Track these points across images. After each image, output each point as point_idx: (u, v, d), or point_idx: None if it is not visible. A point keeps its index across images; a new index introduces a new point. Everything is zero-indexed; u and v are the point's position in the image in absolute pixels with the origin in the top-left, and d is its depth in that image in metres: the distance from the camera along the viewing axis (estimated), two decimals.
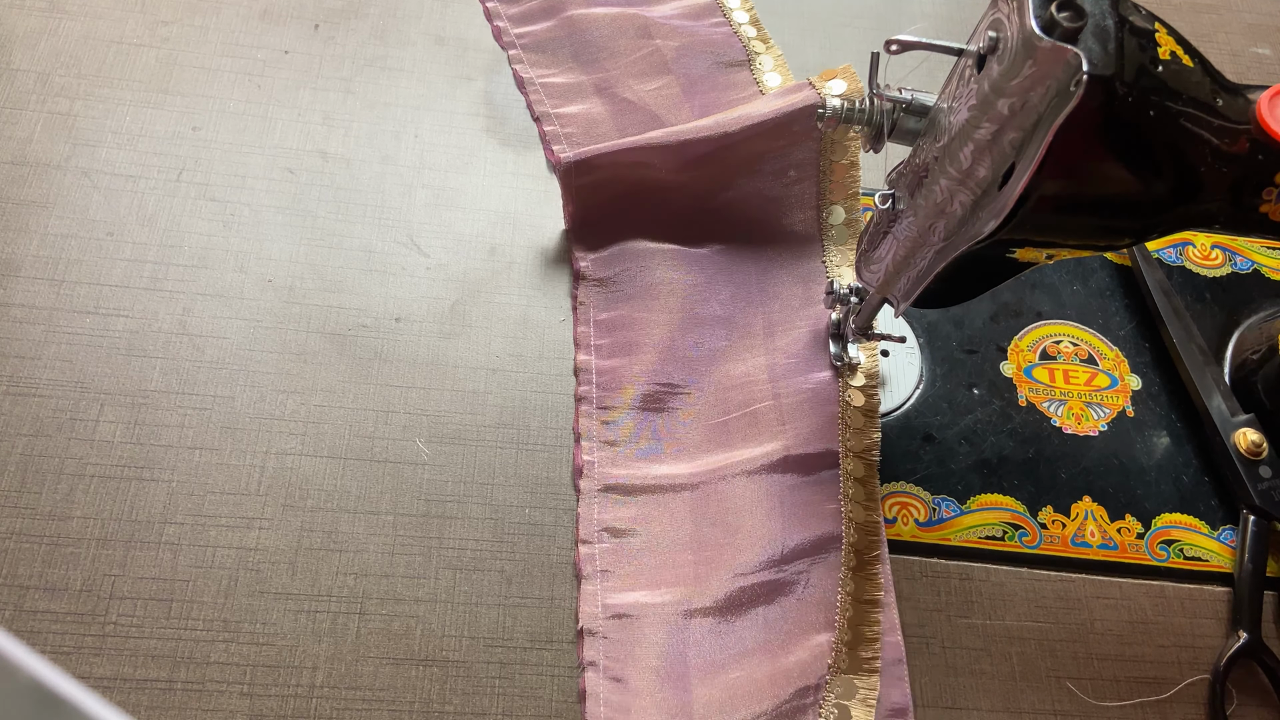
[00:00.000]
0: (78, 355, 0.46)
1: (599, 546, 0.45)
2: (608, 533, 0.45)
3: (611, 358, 0.50)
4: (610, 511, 0.46)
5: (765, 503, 0.45)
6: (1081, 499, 0.48)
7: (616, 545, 0.45)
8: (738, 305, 0.51)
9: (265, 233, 0.51)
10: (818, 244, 0.53)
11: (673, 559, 0.45)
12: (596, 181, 0.52)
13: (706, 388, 0.49)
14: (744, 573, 0.44)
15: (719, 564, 0.44)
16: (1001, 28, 0.31)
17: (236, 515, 0.44)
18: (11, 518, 0.42)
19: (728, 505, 0.45)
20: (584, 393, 0.49)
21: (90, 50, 0.55)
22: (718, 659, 0.42)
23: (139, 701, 0.39)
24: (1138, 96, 0.30)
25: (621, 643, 0.42)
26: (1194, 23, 0.67)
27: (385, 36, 0.58)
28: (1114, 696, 0.44)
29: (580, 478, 0.46)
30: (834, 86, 0.51)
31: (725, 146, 0.51)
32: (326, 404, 0.47)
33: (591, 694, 0.41)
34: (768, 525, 0.45)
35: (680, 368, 0.49)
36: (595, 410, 0.48)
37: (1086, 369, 0.52)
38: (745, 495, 0.46)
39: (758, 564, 0.44)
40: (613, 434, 0.48)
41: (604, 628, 0.43)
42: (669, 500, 0.46)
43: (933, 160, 0.36)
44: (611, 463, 0.47)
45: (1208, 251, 0.57)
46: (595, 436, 0.47)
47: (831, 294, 0.46)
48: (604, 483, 0.46)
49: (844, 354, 0.48)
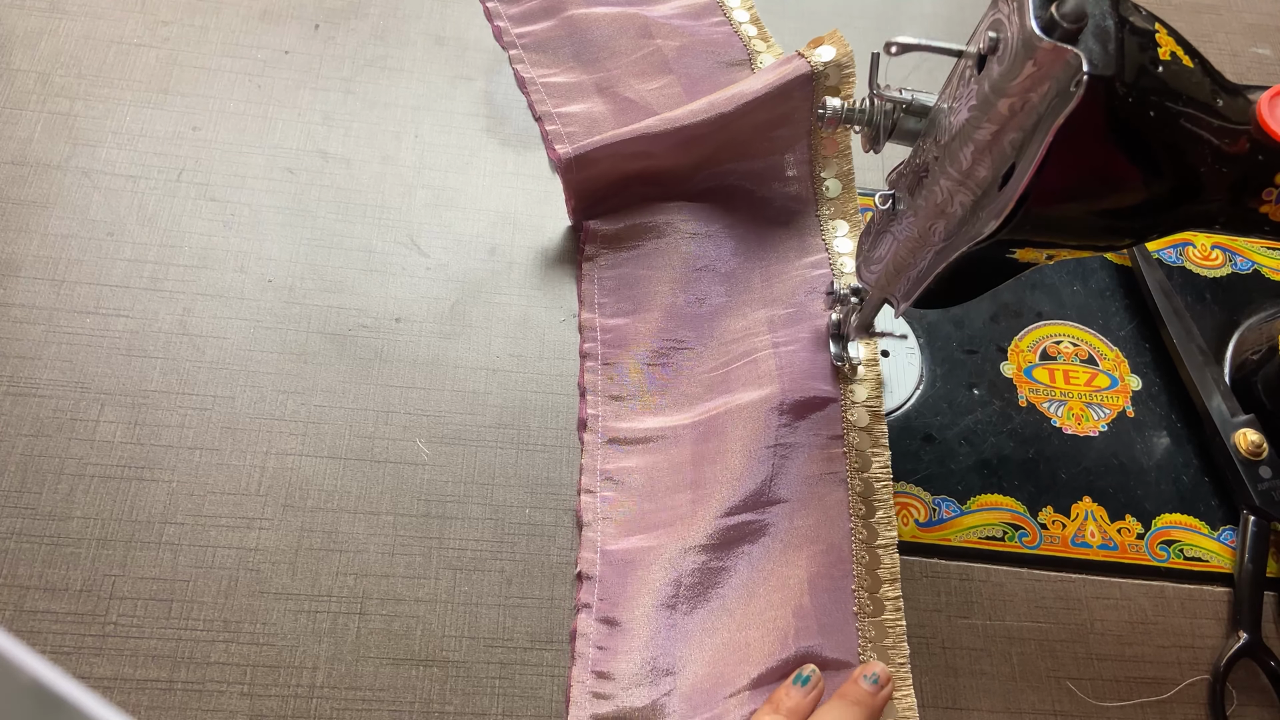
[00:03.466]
0: (78, 355, 0.46)
1: (601, 495, 0.46)
2: (610, 482, 0.46)
3: (615, 316, 0.51)
4: (614, 461, 0.47)
5: (761, 442, 0.46)
6: (1081, 499, 0.48)
7: (617, 494, 0.46)
8: (737, 260, 0.52)
9: (265, 233, 0.51)
10: (812, 205, 0.54)
11: (671, 501, 0.46)
12: (596, 174, 0.52)
13: (709, 342, 0.50)
14: (734, 511, 0.44)
15: (712, 501, 0.45)
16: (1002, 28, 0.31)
17: (236, 515, 0.44)
18: (11, 518, 0.42)
19: (726, 445, 0.46)
20: (589, 349, 0.50)
21: (90, 50, 0.55)
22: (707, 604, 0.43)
23: (139, 701, 0.39)
24: (1138, 97, 0.30)
25: (616, 585, 0.43)
26: (1194, 23, 0.67)
27: (385, 36, 0.58)
28: (1114, 697, 0.44)
29: (584, 430, 0.47)
30: (822, 53, 0.51)
31: (722, 126, 0.51)
32: (326, 404, 0.47)
33: (582, 634, 0.42)
34: (762, 467, 0.45)
35: (684, 324, 0.50)
36: (600, 366, 0.49)
37: (1086, 369, 0.52)
38: (742, 436, 0.46)
39: (747, 504, 0.45)
40: (617, 389, 0.49)
41: (601, 572, 0.44)
42: (670, 447, 0.47)
43: (933, 160, 0.36)
44: (616, 416, 0.48)
45: (1208, 251, 0.57)
46: (600, 391, 0.49)
47: (831, 294, 0.46)
48: (608, 435, 0.47)
49: (844, 354, 0.48)
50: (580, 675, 0.41)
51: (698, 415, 0.48)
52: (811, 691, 0.40)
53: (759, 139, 0.53)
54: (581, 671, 0.41)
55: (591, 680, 0.41)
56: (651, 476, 0.46)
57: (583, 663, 0.42)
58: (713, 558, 0.44)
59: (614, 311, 0.51)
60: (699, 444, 0.47)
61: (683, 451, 0.47)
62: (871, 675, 0.40)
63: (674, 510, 0.45)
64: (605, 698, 0.41)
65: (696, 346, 0.50)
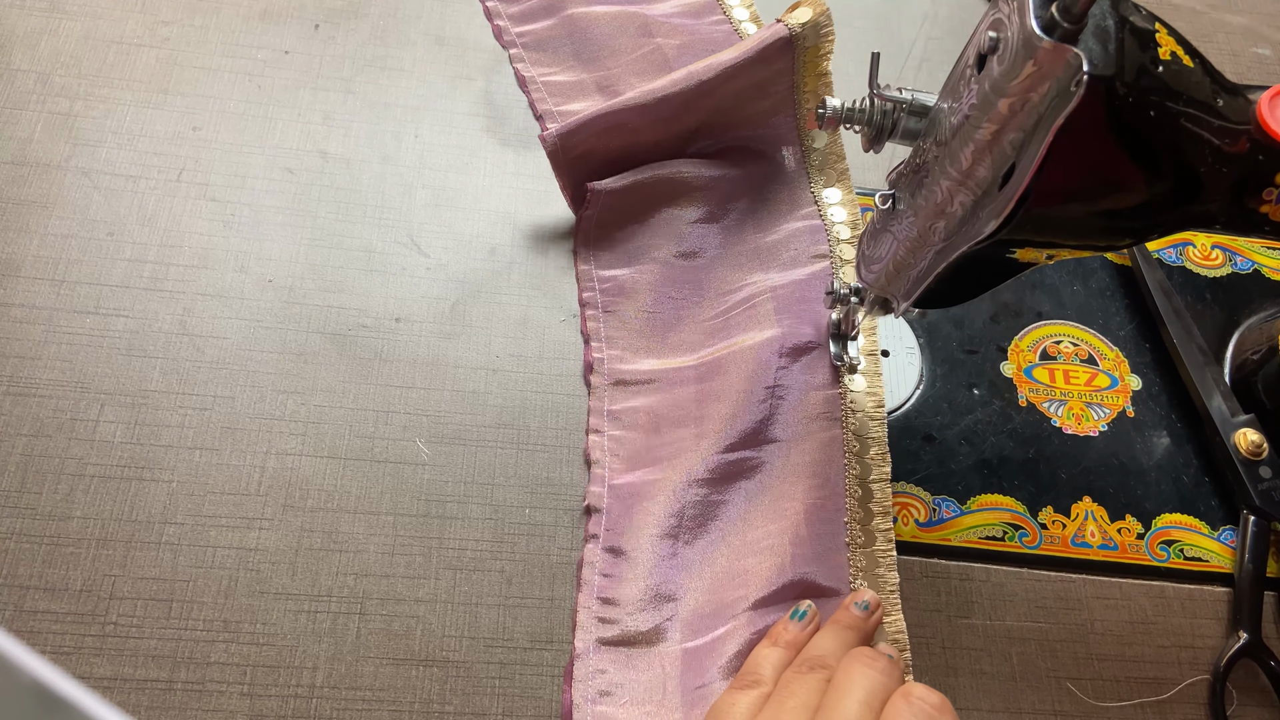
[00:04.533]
0: (78, 355, 0.46)
1: (608, 434, 0.47)
2: (616, 421, 0.48)
3: (612, 268, 0.52)
4: (619, 402, 0.48)
5: (760, 383, 0.47)
6: (1081, 499, 0.48)
7: (624, 432, 0.47)
8: (729, 214, 0.53)
9: (265, 233, 0.51)
10: (801, 162, 0.55)
11: (674, 435, 0.47)
12: (585, 153, 0.52)
13: (707, 292, 0.51)
14: (733, 447, 0.46)
15: (713, 437, 0.46)
16: (1002, 28, 0.31)
17: (236, 515, 0.44)
18: (11, 518, 0.42)
19: (728, 384, 0.48)
20: (588, 298, 0.51)
21: (90, 50, 0.55)
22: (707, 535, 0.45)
23: (139, 701, 0.39)
24: (1138, 97, 0.30)
25: (622, 516, 0.45)
26: (1194, 23, 0.67)
27: (385, 36, 0.58)
28: (1114, 697, 0.44)
29: (590, 374, 0.49)
30: (799, 15, 0.52)
31: (702, 94, 0.52)
32: (326, 404, 0.47)
33: (589, 563, 0.44)
34: (761, 406, 0.47)
35: (682, 275, 0.52)
36: (601, 314, 0.50)
37: (1086, 369, 0.52)
38: (742, 376, 0.47)
39: (746, 441, 0.46)
40: (620, 334, 0.50)
41: (608, 504, 0.45)
42: (673, 386, 0.49)
43: (933, 160, 0.36)
44: (619, 359, 0.49)
45: (1208, 251, 0.57)
46: (603, 337, 0.50)
47: (831, 294, 0.46)
48: (613, 378, 0.49)
49: (844, 354, 0.48)
50: (586, 601, 0.43)
51: (700, 358, 0.49)
52: (808, 625, 0.41)
53: (743, 108, 0.54)
54: (588, 598, 0.43)
55: (597, 606, 0.43)
56: (656, 414, 0.48)
57: (589, 589, 0.43)
58: (713, 491, 0.45)
59: (610, 263, 0.52)
60: (701, 383, 0.48)
61: (686, 390, 0.48)
62: (862, 602, 0.42)
63: (677, 445, 0.47)
64: (610, 622, 0.43)
65: (694, 297, 0.51)
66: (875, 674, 0.36)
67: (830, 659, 0.38)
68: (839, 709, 0.35)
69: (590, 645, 0.42)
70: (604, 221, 0.53)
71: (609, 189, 0.52)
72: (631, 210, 0.53)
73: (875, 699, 0.36)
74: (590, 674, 0.41)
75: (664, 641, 0.42)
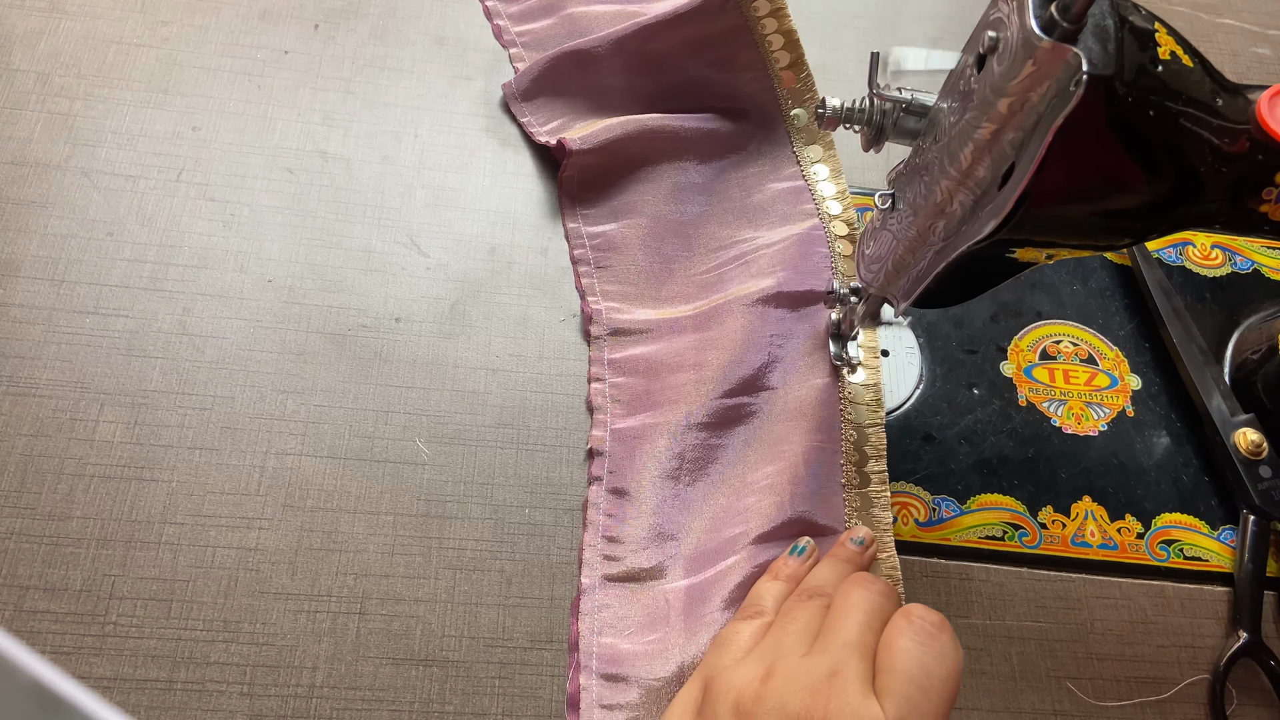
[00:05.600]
0: (78, 355, 0.46)
1: (610, 381, 0.49)
2: (617, 369, 0.49)
3: (600, 223, 0.53)
4: (619, 351, 0.50)
5: (758, 331, 0.48)
6: (1081, 499, 0.48)
7: (625, 379, 0.49)
8: (713, 174, 0.55)
9: (265, 233, 0.51)
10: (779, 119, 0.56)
11: (674, 380, 0.48)
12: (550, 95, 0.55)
13: (697, 249, 0.53)
14: (732, 393, 0.47)
15: (712, 383, 0.47)
16: (1002, 27, 0.31)
17: (236, 515, 0.44)
18: (11, 518, 0.42)
19: (726, 331, 0.49)
20: (579, 255, 0.52)
21: (90, 50, 0.55)
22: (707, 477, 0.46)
23: (139, 701, 0.39)
24: (1138, 96, 0.30)
25: (624, 459, 0.47)
26: (1194, 23, 0.67)
27: (385, 36, 0.58)
28: (1114, 696, 0.44)
29: (590, 324, 0.50)
30: None
31: (648, 36, 0.54)
32: (326, 404, 0.47)
33: (593, 504, 0.45)
34: (759, 354, 0.48)
35: (670, 231, 0.53)
36: (594, 270, 0.51)
37: (1086, 369, 0.52)
38: (741, 323, 0.49)
39: (744, 387, 0.47)
40: (615, 287, 0.51)
41: (610, 448, 0.47)
42: (671, 334, 0.50)
43: (933, 160, 0.36)
44: (617, 310, 0.51)
45: (1208, 251, 0.57)
46: (599, 291, 0.51)
47: (831, 294, 0.47)
48: (612, 327, 0.50)
49: (844, 354, 0.48)
50: (592, 540, 0.45)
51: (696, 308, 0.50)
52: (807, 560, 0.43)
53: (698, 58, 0.55)
54: (593, 537, 0.45)
55: (602, 544, 0.45)
56: (654, 361, 0.49)
57: (594, 529, 0.45)
58: (712, 435, 0.47)
59: (598, 219, 0.53)
60: (699, 332, 0.50)
61: (684, 339, 0.50)
62: (858, 538, 0.43)
63: (677, 390, 0.48)
64: (615, 560, 0.44)
65: (684, 252, 0.53)
66: (874, 596, 0.38)
67: (829, 588, 0.39)
68: (840, 628, 0.36)
69: (596, 581, 0.44)
70: (585, 181, 0.54)
71: (585, 148, 0.53)
72: (612, 169, 0.54)
73: (875, 619, 0.37)
74: (596, 608, 0.43)
75: (666, 577, 0.44)
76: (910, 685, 0.34)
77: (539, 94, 0.56)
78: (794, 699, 0.34)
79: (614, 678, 0.41)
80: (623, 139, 0.53)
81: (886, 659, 0.35)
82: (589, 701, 0.41)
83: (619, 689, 0.41)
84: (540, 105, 0.56)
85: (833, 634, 0.36)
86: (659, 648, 0.42)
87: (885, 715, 0.33)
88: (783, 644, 0.37)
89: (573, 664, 0.42)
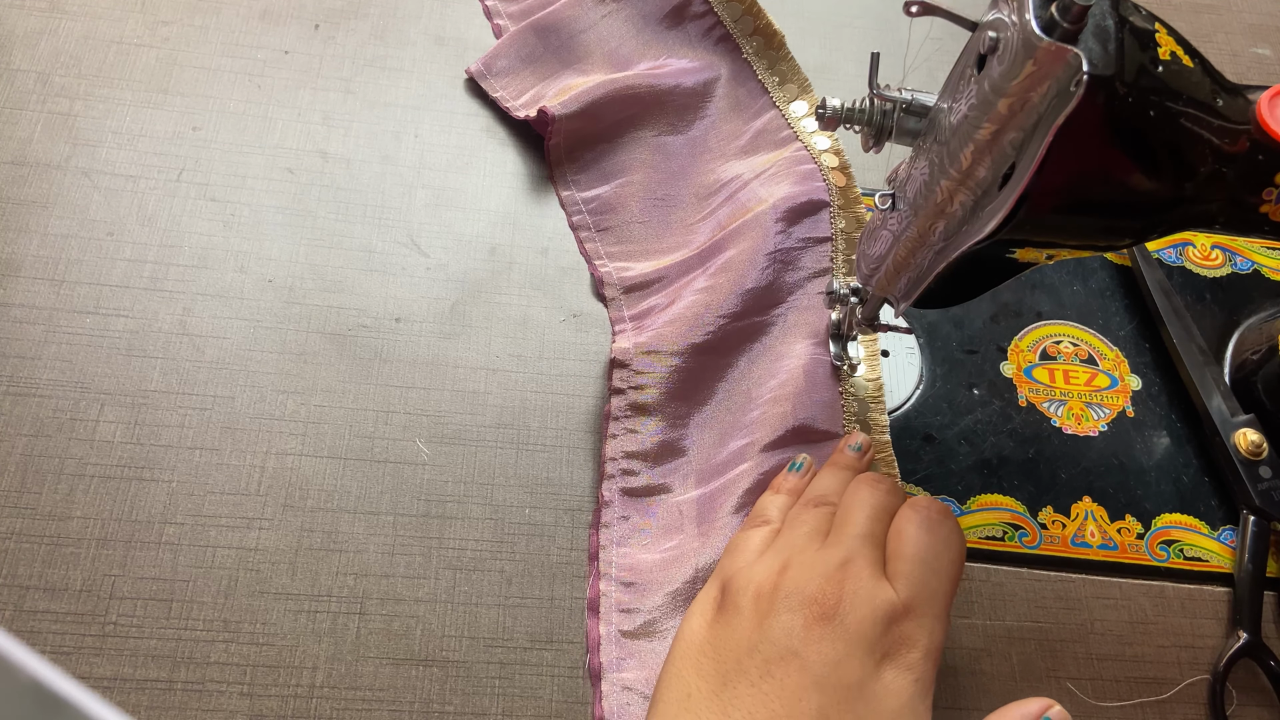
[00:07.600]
0: (78, 355, 0.46)
1: (629, 324, 0.50)
2: (636, 321, 0.50)
3: (593, 188, 0.54)
4: (636, 305, 0.51)
5: (761, 250, 0.50)
6: (1081, 499, 0.48)
7: (640, 319, 0.50)
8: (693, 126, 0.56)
9: (265, 233, 0.51)
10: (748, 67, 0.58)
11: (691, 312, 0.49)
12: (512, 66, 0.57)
13: (689, 199, 0.54)
14: (737, 316, 0.49)
15: (714, 306, 0.49)
16: (1002, 27, 0.31)
17: (236, 515, 0.44)
18: (11, 518, 0.42)
19: (728, 256, 0.50)
20: (578, 221, 0.54)
21: (90, 50, 0.55)
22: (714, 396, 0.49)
23: (139, 701, 0.39)
24: (1138, 97, 0.30)
25: (643, 372, 0.48)
26: (1194, 23, 0.67)
27: (385, 36, 0.58)
28: (1114, 696, 0.44)
29: (603, 287, 0.52)
30: None
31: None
32: (326, 404, 0.47)
33: (615, 418, 0.48)
34: (763, 274, 0.49)
35: (660, 185, 0.55)
36: (595, 234, 0.53)
37: (1086, 369, 0.52)
38: (745, 247, 0.50)
39: (749, 308, 0.49)
40: (618, 247, 0.53)
41: (634, 360, 0.49)
42: (683, 274, 0.51)
43: (933, 160, 0.36)
44: (625, 269, 0.52)
45: (1208, 251, 0.57)
46: (604, 254, 0.53)
47: (830, 294, 0.47)
48: (625, 285, 0.52)
49: (844, 354, 0.48)
50: (613, 453, 0.47)
51: (699, 247, 0.52)
52: (806, 475, 0.44)
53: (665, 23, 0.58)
54: (614, 451, 0.47)
55: (623, 460, 0.47)
56: (667, 293, 0.51)
57: (614, 443, 0.47)
58: (720, 356, 0.49)
59: (590, 184, 0.55)
60: (707, 261, 0.51)
61: (694, 273, 0.51)
62: (855, 444, 0.45)
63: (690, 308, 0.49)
64: (633, 474, 0.46)
65: (679, 202, 0.54)
66: (881, 493, 0.40)
67: (832, 495, 0.41)
68: (850, 521, 0.39)
69: (616, 494, 0.46)
70: (572, 148, 0.55)
71: (567, 113, 0.54)
72: (598, 132, 0.55)
73: (883, 512, 0.39)
74: (615, 519, 0.45)
75: (676, 491, 0.46)
76: (920, 568, 0.37)
77: (506, 66, 0.57)
78: (811, 584, 0.36)
79: (632, 584, 0.44)
80: (603, 100, 0.54)
81: (896, 546, 0.38)
82: (608, 606, 0.43)
83: (637, 594, 0.43)
84: (508, 77, 0.57)
85: (844, 528, 0.38)
86: (675, 554, 0.44)
87: (897, 595, 0.36)
88: (795, 542, 0.39)
89: (592, 572, 0.44)
